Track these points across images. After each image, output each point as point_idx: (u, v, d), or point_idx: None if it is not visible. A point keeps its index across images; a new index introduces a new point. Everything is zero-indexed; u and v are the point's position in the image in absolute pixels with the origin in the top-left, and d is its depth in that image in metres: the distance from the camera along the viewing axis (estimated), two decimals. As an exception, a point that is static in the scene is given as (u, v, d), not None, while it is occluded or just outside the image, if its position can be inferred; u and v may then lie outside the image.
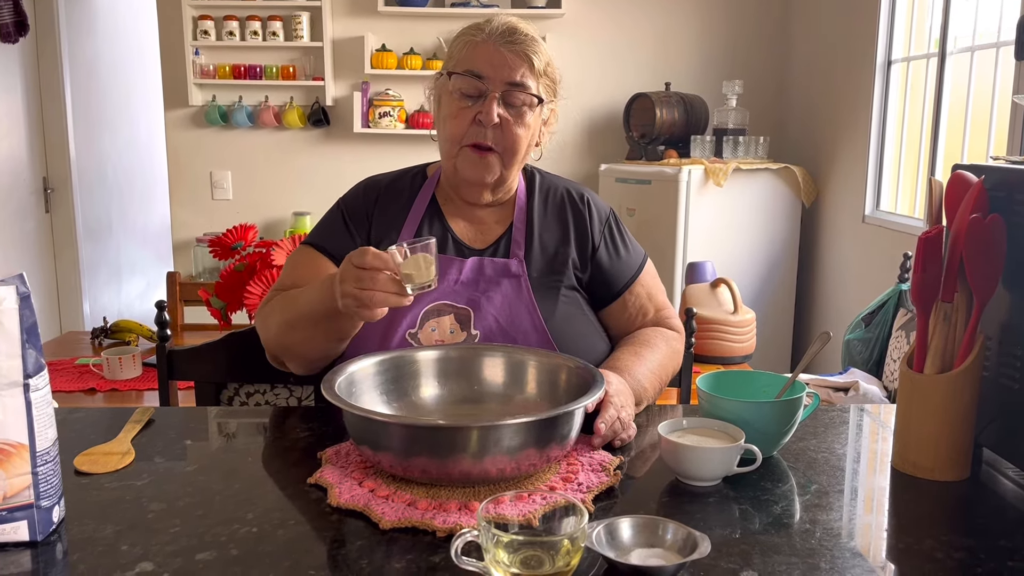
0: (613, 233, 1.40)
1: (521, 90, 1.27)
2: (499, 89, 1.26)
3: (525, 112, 1.29)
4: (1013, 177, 1.02)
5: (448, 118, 1.29)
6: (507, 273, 1.30)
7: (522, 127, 1.29)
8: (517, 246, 1.33)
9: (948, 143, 2.95)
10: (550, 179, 1.43)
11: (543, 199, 1.39)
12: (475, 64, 1.26)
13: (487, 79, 1.26)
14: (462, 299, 1.28)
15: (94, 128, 4.63)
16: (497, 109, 1.26)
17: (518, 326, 1.27)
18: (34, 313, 0.83)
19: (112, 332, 2.77)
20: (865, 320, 2.80)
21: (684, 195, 3.51)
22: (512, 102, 1.27)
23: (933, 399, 1.02)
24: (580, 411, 1.00)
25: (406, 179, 1.41)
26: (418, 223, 1.35)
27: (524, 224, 1.35)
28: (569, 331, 1.30)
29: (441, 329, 1.27)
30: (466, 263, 1.30)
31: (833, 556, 0.83)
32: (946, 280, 1.02)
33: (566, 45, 4.17)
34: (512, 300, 1.29)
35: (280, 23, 4.14)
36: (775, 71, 4.25)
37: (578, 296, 1.36)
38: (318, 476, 0.99)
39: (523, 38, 1.28)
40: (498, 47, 1.27)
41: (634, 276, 1.39)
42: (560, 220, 1.38)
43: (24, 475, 0.83)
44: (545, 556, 0.75)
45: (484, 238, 1.36)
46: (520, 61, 1.27)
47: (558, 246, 1.35)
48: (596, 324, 1.38)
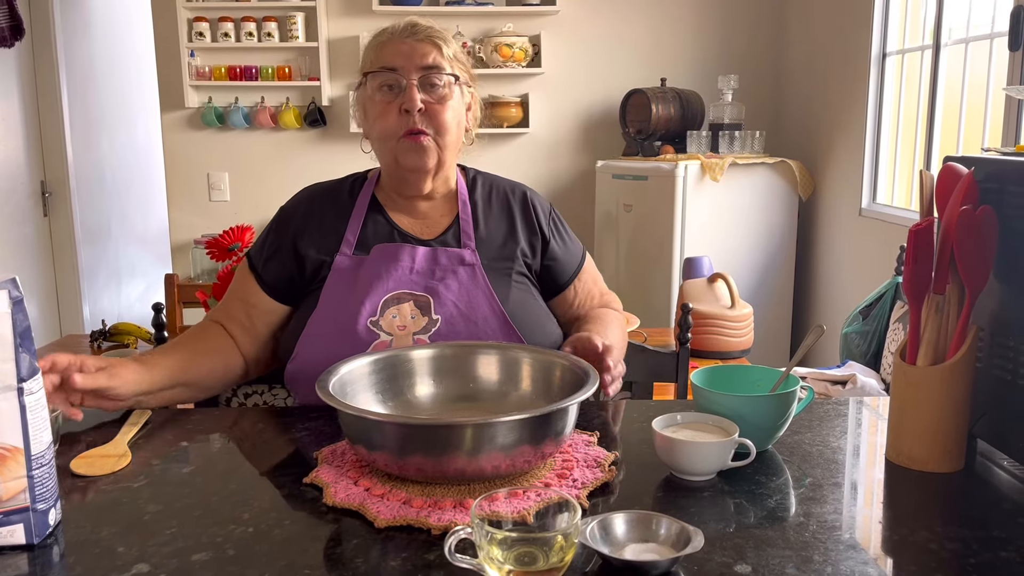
0: (558, 226, 1.48)
1: (435, 72, 1.34)
2: (415, 75, 1.32)
3: (445, 93, 1.35)
4: (1004, 169, 1.03)
5: (376, 117, 1.35)
6: (461, 262, 1.36)
7: (446, 108, 1.34)
8: (467, 237, 1.39)
9: (943, 135, 2.95)
10: (490, 177, 1.50)
11: (486, 194, 1.46)
12: (386, 59, 1.33)
13: (400, 69, 1.32)
14: (419, 287, 1.33)
15: (91, 131, 4.63)
16: (419, 95, 1.32)
17: (477, 311, 1.33)
18: (27, 317, 0.84)
19: (111, 335, 2.77)
20: (863, 313, 2.80)
21: (681, 190, 3.52)
22: (431, 84, 1.34)
23: (926, 391, 1.02)
24: (574, 407, 1.00)
25: (346, 183, 1.47)
26: (361, 221, 1.39)
27: (470, 216, 1.42)
28: (525, 315, 1.37)
29: (402, 315, 1.31)
30: (418, 251, 1.35)
31: (827, 549, 0.84)
32: (937, 272, 1.02)
33: (561, 42, 4.17)
34: (469, 287, 1.34)
35: (275, 24, 4.14)
36: (770, 65, 4.25)
37: (528, 283, 1.42)
38: (314, 476, 0.99)
39: (426, 29, 1.36)
40: (404, 39, 1.34)
41: (580, 265, 1.49)
42: (506, 213, 1.44)
43: (19, 479, 0.84)
44: (539, 552, 0.75)
45: (431, 231, 1.41)
46: (428, 47, 1.34)
47: (506, 237, 1.42)
48: (547, 310, 1.45)
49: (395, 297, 1.32)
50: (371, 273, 1.33)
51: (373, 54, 1.36)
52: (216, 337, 1.38)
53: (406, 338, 1.30)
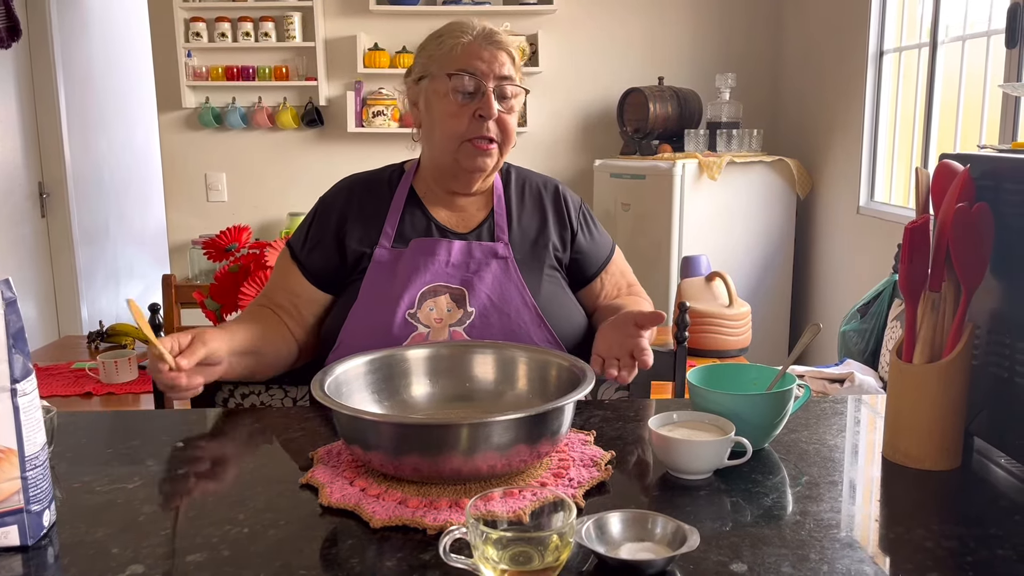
0: (587, 219, 1.53)
1: (509, 82, 1.38)
2: (492, 83, 1.36)
3: (514, 104, 1.40)
4: (1000, 166, 1.03)
5: (447, 117, 1.36)
6: (495, 255, 1.40)
7: (513, 116, 1.40)
8: (501, 231, 1.43)
9: (941, 133, 2.95)
10: (524, 172, 1.55)
11: (519, 189, 1.51)
12: (469, 64, 1.36)
13: (481, 75, 1.35)
14: (455, 279, 1.37)
15: (89, 132, 4.63)
16: (495, 104, 1.35)
17: (510, 303, 1.37)
18: (20, 318, 0.83)
19: (108, 336, 2.76)
20: (860, 311, 2.80)
21: (678, 189, 3.51)
22: (504, 94, 1.38)
23: (923, 389, 1.02)
24: (570, 407, 1.00)
25: (384, 175, 1.50)
26: (400, 214, 1.43)
27: (504, 211, 1.46)
28: (554, 307, 1.41)
29: (439, 308, 1.35)
30: (454, 245, 1.39)
31: (823, 547, 0.84)
32: (933, 269, 1.02)
33: (558, 41, 4.17)
34: (502, 280, 1.38)
35: (272, 24, 4.14)
36: (768, 64, 4.24)
37: (559, 275, 1.47)
38: (310, 476, 0.99)
39: (502, 36, 1.40)
40: (484, 45, 1.37)
41: (608, 258, 1.54)
42: (538, 208, 1.49)
43: (13, 480, 0.83)
44: (534, 552, 0.75)
45: (466, 224, 1.45)
46: (505, 56, 1.38)
47: (539, 230, 1.46)
48: (576, 302, 1.49)
49: (432, 290, 1.36)
50: (409, 267, 1.37)
51: (452, 53, 1.37)
52: (274, 318, 1.42)
53: (442, 330, 1.33)
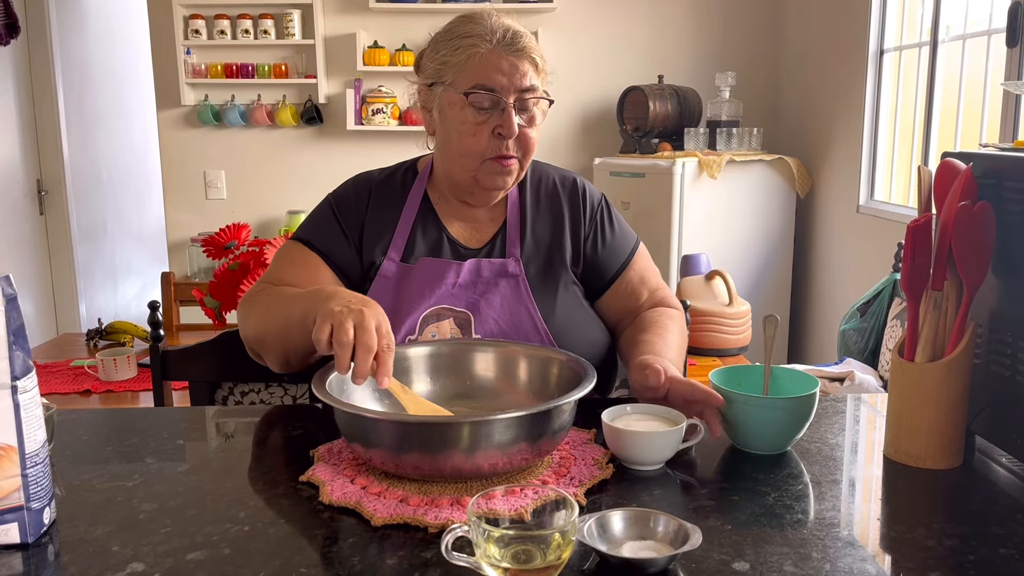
0: (603, 220, 1.40)
1: (532, 93, 1.25)
2: (512, 97, 1.24)
3: (536, 115, 1.28)
4: (1002, 164, 1.02)
5: (464, 135, 1.25)
6: (504, 273, 1.30)
7: (535, 129, 1.28)
8: (512, 244, 1.33)
9: (941, 132, 2.95)
10: (540, 168, 1.43)
11: (535, 191, 1.39)
12: (487, 77, 1.23)
13: (501, 90, 1.23)
14: (461, 302, 1.28)
15: (87, 129, 4.62)
16: (516, 120, 1.24)
17: (520, 329, 1.27)
18: (21, 315, 0.83)
19: (107, 333, 2.76)
20: (860, 310, 2.80)
21: (678, 188, 3.51)
22: (525, 107, 1.26)
23: (924, 387, 1.02)
24: (572, 405, 1.00)
25: (397, 176, 1.39)
26: (411, 225, 1.33)
27: (518, 220, 1.35)
28: (570, 327, 1.30)
29: (441, 333, 1.26)
30: (463, 266, 1.29)
31: (825, 545, 0.83)
32: (935, 268, 1.02)
33: (558, 39, 4.17)
34: (511, 301, 1.28)
35: (271, 21, 4.13)
36: (768, 62, 4.24)
37: (576, 289, 1.36)
38: (310, 474, 0.99)
39: (524, 39, 1.25)
40: (505, 55, 1.23)
41: (625, 263, 1.40)
42: (553, 210, 1.38)
43: (14, 477, 0.83)
44: (536, 550, 0.75)
45: (479, 237, 1.36)
46: (527, 64, 1.24)
47: (552, 238, 1.35)
48: (594, 315, 1.38)
49: (435, 313, 1.27)
50: (413, 290, 1.28)
51: (468, 63, 1.23)
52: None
53: None
